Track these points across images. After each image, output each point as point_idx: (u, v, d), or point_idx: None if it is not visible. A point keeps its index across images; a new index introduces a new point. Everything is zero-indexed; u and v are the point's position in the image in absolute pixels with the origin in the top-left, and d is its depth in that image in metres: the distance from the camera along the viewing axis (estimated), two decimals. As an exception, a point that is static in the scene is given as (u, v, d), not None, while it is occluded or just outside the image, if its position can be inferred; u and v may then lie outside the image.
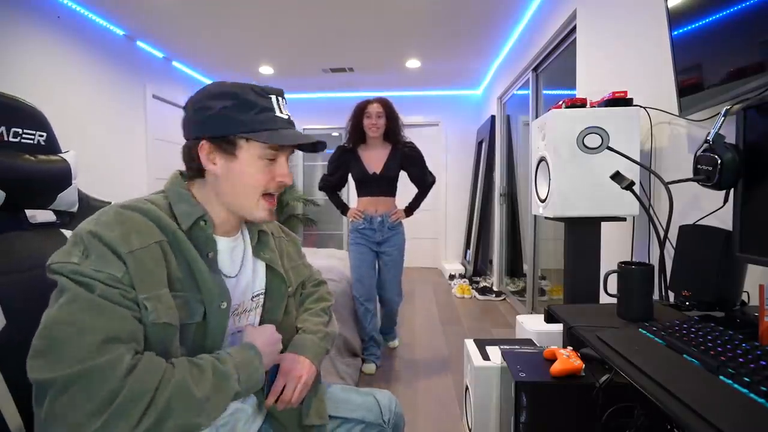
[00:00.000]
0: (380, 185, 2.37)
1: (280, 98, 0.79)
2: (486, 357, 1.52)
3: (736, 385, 0.59)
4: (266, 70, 4.57)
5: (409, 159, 2.39)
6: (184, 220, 0.74)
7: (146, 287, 0.64)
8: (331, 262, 2.93)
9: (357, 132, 2.35)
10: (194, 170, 0.78)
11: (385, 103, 2.32)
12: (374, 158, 2.36)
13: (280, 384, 0.84)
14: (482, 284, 4.33)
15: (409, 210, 2.49)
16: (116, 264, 0.63)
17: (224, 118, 0.73)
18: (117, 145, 3.45)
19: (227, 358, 0.70)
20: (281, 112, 0.78)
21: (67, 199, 0.96)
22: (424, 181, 2.45)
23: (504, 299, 4.04)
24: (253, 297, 0.86)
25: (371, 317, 2.42)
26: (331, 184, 2.47)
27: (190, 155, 0.77)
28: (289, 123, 0.80)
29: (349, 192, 5.17)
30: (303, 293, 1.03)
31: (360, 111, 2.34)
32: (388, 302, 2.51)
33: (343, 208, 2.52)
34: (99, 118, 3.26)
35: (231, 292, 0.79)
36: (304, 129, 5.86)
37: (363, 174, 2.36)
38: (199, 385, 0.63)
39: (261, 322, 0.87)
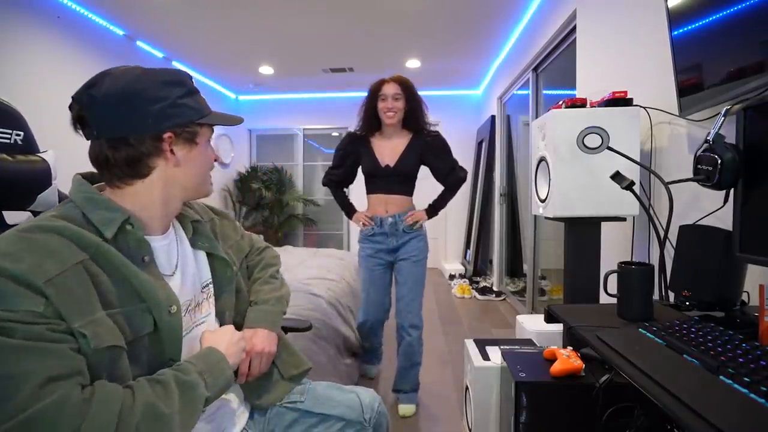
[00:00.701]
0: (393, 181, 1.96)
1: None
2: (486, 357, 1.52)
3: (736, 385, 0.59)
4: (266, 70, 4.57)
5: (431, 149, 1.96)
6: (107, 227, 0.66)
7: (78, 315, 0.58)
8: (331, 262, 2.94)
9: (370, 117, 1.96)
10: (127, 172, 0.69)
11: (403, 83, 1.92)
12: (388, 149, 1.96)
13: (245, 364, 0.86)
14: (482, 284, 4.33)
15: (433, 210, 2.03)
16: (33, 298, 0.55)
17: (183, 106, 0.72)
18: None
19: (189, 367, 0.68)
20: None
21: (47, 200, 0.94)
22: (452, 176, 2.00)
23: (504, 299, 4.04)
24: (203, 288, 0.85)
25: (374, 338, 2.17)
26: (337, 179, 2.08)
27: (140, 153, 0.69)
28: None
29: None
30: (249, 265, 1.03)
31: (374, 92, 1.94)
32: (404, 332, 1.96)
33: (349, 209, 2.11)
34: (99, 118, 3.26)
35: (178, 289, 0.76)
36: (303, 129, 5.88)
37: (373, 167, 1.95)
38: (166, 401, 0.61)
39: (216, 311, 0.87)
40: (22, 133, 0.92)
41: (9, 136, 0.89)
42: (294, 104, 5.77)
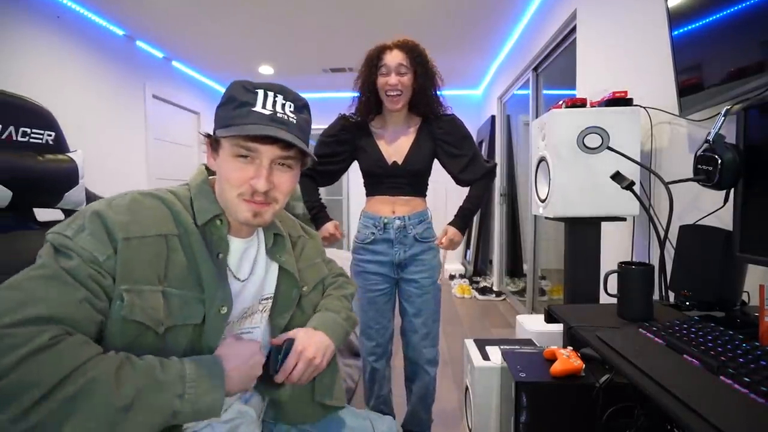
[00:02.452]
0: (402, 182, 1.50)
1: (270, 93, 0.72)
2: (486, 357, 1.52)
3: (736, 385, 0.59)
4: (266, 70, 4.57)
5: (443, 140, 1.50)
6: (201, 215, 0.72)
7: (130, 279, 0.60)
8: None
9: (369, 97, 1.48)
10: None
11: (411, 49, 1.43)
12: (394, 140, 1.50)
13: (291, 362, 0.77)
14: (482, 284, 4.33)
15: (463, 218, 1.56)
16: (105, 247, 0.60)
17: (216, 116, 0.75)
18: (117, 145, 3.45)
19: (175, 367, 0.59)
20: (264, 107, 0.70)
21: (74, 197, 0.97)
22: (472, 170, 1.51)
23: (504, 299, 4.04)
24: (261, 300, 0.84)
25: (380, 382, 1.63)
26: (318, 173, 1.55)
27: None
28: (272, 119, 0.70)
29: (348, 185, 5.11)
30: (325, 283, 1.01)
31: (372, 63, 1.45)
32: (417, 368, 1.59)
33: (318, 214, 1.57)
34: (99, 118, 3.25)
35: (239, 295, 0.77)
36: (304, 129, 5.85)
37: (378, 164, 1.48)
38: (121, 391, 0.53)
39: (270, 328, 0.86)
40: (53, 134, 0.95)
41: (41, 136, 0.93)
42: (294, 104, 5.76)
